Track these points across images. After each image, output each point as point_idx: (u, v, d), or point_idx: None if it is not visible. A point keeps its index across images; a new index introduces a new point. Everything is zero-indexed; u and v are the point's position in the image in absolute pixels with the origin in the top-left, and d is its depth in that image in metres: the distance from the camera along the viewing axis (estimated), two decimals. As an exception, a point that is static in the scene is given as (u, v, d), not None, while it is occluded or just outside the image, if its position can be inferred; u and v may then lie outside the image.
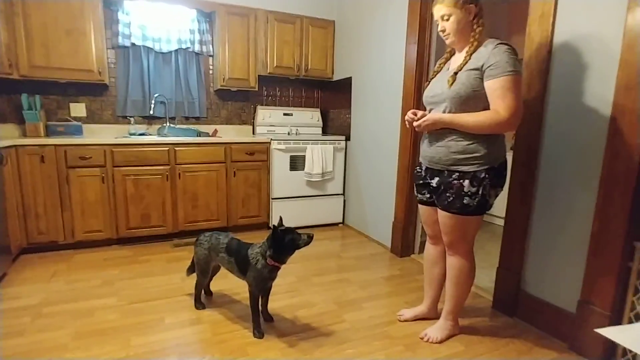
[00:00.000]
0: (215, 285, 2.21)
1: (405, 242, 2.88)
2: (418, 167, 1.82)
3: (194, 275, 2.03)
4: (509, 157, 1.68)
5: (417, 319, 1.97)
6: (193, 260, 2.03)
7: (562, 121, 1.75)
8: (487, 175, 1.55)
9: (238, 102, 3.72)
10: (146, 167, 2.91)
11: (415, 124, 1.59)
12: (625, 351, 1.55)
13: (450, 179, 1.60)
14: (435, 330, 1.82)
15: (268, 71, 3.48)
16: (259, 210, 3.35)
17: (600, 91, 1.60)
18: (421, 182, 1.78)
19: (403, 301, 2.18)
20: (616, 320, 1.58)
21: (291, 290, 2.28)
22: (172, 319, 1.93)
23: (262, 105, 3.80)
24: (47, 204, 2.68)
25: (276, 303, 2.10)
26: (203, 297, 2.08)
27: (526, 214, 1.92)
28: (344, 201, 3.68)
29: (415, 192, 1.87)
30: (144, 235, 3.01)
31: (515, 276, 1.99)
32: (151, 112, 3.28)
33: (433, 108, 1.65)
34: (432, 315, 1.97)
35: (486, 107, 1.51)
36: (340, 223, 3.71)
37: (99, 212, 2.82)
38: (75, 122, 3.07)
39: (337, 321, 1.95)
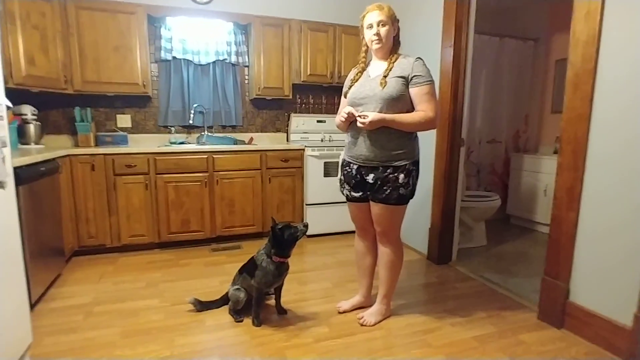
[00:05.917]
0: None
1: (442, 249, 2.81)
2: (347, 168, 1.92)
3: (228, 284, 2.09)
4: (554, 160, 1.62)
5: (354, 308, 2.10)
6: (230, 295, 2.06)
7: (611, 122, 1.67)
8: (413, 167, 1.81)
9: (272, 110, 3.81)
10: (186, 174, 3.03)
11: (362, 120, 1.69)
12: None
13: (386, 174, 1.78)
14: (371, 315, 1.98)
15: (302, 79, 3.54)
16: (293, 216, 3.39)
17: (655, 90, 1.51)
18: (354, 181, 1.89)
19: (442, 309, 2.13)
20: (679, 335, 1.47)
21: (327, 296, 2.28)
22: (213, 321, 1.98)
23: (295, 112, 3.87)
24: (96, 210, 2.85)
25: (312, 308, 2.12)
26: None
27: (573, 220, 1.83)
28: (378, 207, 3.63)
29: (346, 192, 1.98)
30: (184, 240, 3.12)
31: (562, 285, 1.89)
32: (190, 122, 3.42)
33: (362, 108, 1.78)
34: (368, 303, 2.10)
35: (408, 109, 1.77)
36: (373, 229, 3.67)
37: (143, 217, 2.97)
38: (121, 133, 3.25)
39: (374, 328, 1.93)
